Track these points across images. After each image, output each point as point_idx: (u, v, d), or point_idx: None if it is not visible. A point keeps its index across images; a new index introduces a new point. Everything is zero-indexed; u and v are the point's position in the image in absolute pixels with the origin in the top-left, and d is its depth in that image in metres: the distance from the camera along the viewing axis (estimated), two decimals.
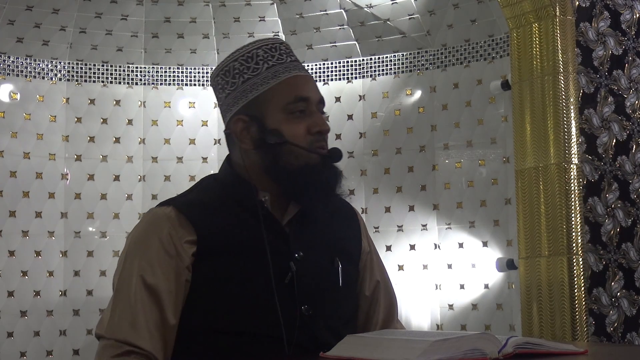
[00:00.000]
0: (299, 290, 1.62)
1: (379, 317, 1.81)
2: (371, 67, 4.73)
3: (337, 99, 4.74)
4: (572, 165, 3.77)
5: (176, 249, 1.60)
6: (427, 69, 4.61)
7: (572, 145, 3.78)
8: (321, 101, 1.71)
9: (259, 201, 1.66)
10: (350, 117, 4.71)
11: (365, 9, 4.61)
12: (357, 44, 4.74)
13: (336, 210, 1.80)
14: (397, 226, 4.57)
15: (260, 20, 4.78)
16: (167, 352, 1.59)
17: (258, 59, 1.70)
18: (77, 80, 4.70)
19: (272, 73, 1.69)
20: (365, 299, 1.81)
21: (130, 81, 4.78)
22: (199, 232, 1.62)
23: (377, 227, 4.49)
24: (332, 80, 4.76)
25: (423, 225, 4.53)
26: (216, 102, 5.23)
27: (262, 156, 1.68)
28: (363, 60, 4.74)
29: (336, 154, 1.68)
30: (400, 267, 4.51)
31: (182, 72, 4.83)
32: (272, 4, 4.74)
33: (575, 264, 3.71)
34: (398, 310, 1.88)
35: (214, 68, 1.77)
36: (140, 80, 4.79)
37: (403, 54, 4.66)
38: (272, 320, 1.59)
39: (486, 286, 4.34)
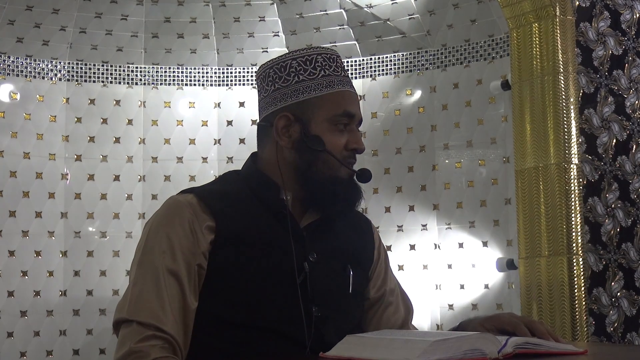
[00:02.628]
0: (311, 291, 1.64)
1: (398, 321, 1.85)
2: (371, 67, 4.73)
3: None
4: (572, 165, 3.77)
5: (196, 234, 1.62)
6: (427, 69, 4.61)
7: (572, 145, 3.79)
8: (361, 121, 1.77)
9: (281, 200, 1.69)
10: None
11: (365, 9, 4.61)
12: (357, 44, 4.74)
13: (353, 222, 1.84)
14: (397, 226, 4.57)
15: (260, 20, 4.78)
16: (187, 338, 1.59)
17: (316, 64, 1.74)
18: (77, 80, 4.70)
19: (327, 82, 1.73)
20: (376, 302, 1.84)
21: (130, 81, 4.78)
22: (219, 220, 1.63)
23: (377, 227, 4.47)
24: None
25: (423, 225, 4.54)
26: (216, 102, 5.23)
27: (297, 157, 1.71)
28: (363, 60, 4.74)
29: (366, 174, 1.74)
30: (400, 267, 4.51)
31: (182, 72, 4.83)
32: (272, 4, 4.74)
33: (575, 264, 3.71)
34: (412, 319, 1.92)
35: (264, 61, 1.80)
36: (140, 80, 4.79)
37: (403, 54, 4.66)
38: (288, 318, 1.61)
39: (486, 286, 4.34)
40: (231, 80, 4.85)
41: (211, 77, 4.85)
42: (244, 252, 1.62)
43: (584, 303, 3.70)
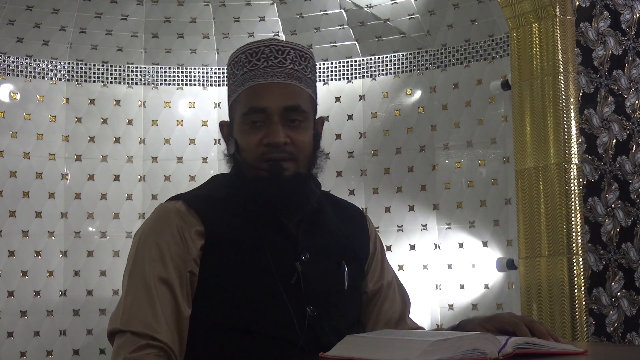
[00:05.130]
0: (305, 291, 1.63)
1: (395, 315, 1.82)
2: (371, 67, 4.73)
3: (337, 99, 4.74)
4: (572, 165, 3.77)
5: (186, 241, 1.61)
6: (427, 69, 4.61)
7: (572, 145, 3.79)
8: (290, 108, 1.65)
9: (267, 202, 1.66)
10: (350, 117, 4.72)
11: (365, 9, 4.61)
12: (357, 44, 4.74)
13: (346, 215, 1.82)
14: (397, 226, 4.57)
15: (260, 20, 4.78)
16: (182, 345, 1.59)
17: (239, 64, 1.70)
18: (77, 80, 4.70)
19: (242, 80, 1.68)
20: (374, 296, 1.82)
21: (130, 81, 4.78)
22: (207, 225, 1.63)
23: (377, 227, 4.48)
24: (332, 80, 4.76)
25: (423, 225, 4.54)
26: (216, 102, 5.24)
27: (231, 163, 1.72)
28: (363, 60, 4.74)
29: (272, 168, 1.64)
30: (400, 267, 4.51)
31: (182, 72, 4.83)
32: (272, 4, 4.74)
33: (575, 264, 3.71)
34: (410, 312, 1.90)
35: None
36: (140, 80, 4.79)
37: (403, 54, 4.66)
38: (279, 320, 1.60)
39: (486, 286, 4.34)
40: None
41: (211, 77, 4.85)
42: (234, 255, 1.62)
43: (584, 303, 3.70)
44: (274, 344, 1.60)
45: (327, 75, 4.77)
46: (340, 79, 4.76)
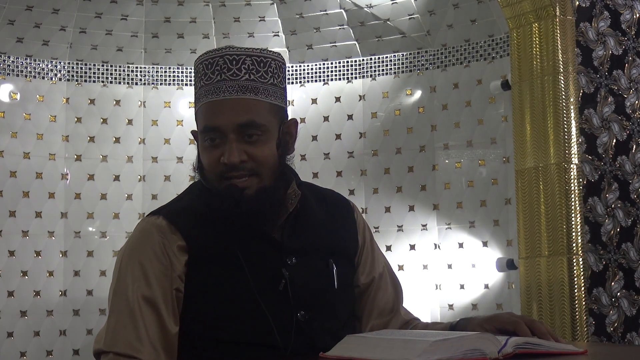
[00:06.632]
0: (294, 296, 1.61)
1: (388, 304, 1.80)
2: (371, 67, 4.73)
3: (337, 99, 4.74)
4: (572, 165, 3.77)
5: (169, 258, 1.59)
6: (427, 69, 4.61)
7: (572, 145, 3.79)
8: (244, 125, 1.59)
9: (244, 211, 1.61)
10: (350, 117, 4.72)
11: (365, 9, 4.61)
12: (357, 44, 4.74)
13: (331, 208, 1.78)
14: (397, 226, 4.57)
15: (260, 20, 4.78)
16: None
17: (199, 75, 1.67)
18: (77, 80, 4.70)
19: (199, 95, 1.65)
20: (367, 288, 1.79)
21: (130, 81, 4.78)
22: (189, 240, 1.61)
23: (377, 227, 4.49)
24: (332, 80, 4.76)
25: (423, 225, 4.54)
26: None
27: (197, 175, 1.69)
28: (363, 60, 4.74)
29: (231, 194, 1.59)
30: (400, 267, 4.51)
31: (182, 72, 4.83)
32: (272, 4, 4.74)
33: (575, 264, 3.71)
34: (403, 300, 1.87)
35: None
36: (140, 80, 4.79)
37: (403, 54, 4.66)
38: (265, 328, 1.58)
39: (486, 286, 4.34)
40: None
41: None
42: (218, 268, 1.60)
43: (584, 303, 3.70)
44: (265, 352, 1.58)
45: (327, 75, 4.77)
46: (340, 79, 4.76)
